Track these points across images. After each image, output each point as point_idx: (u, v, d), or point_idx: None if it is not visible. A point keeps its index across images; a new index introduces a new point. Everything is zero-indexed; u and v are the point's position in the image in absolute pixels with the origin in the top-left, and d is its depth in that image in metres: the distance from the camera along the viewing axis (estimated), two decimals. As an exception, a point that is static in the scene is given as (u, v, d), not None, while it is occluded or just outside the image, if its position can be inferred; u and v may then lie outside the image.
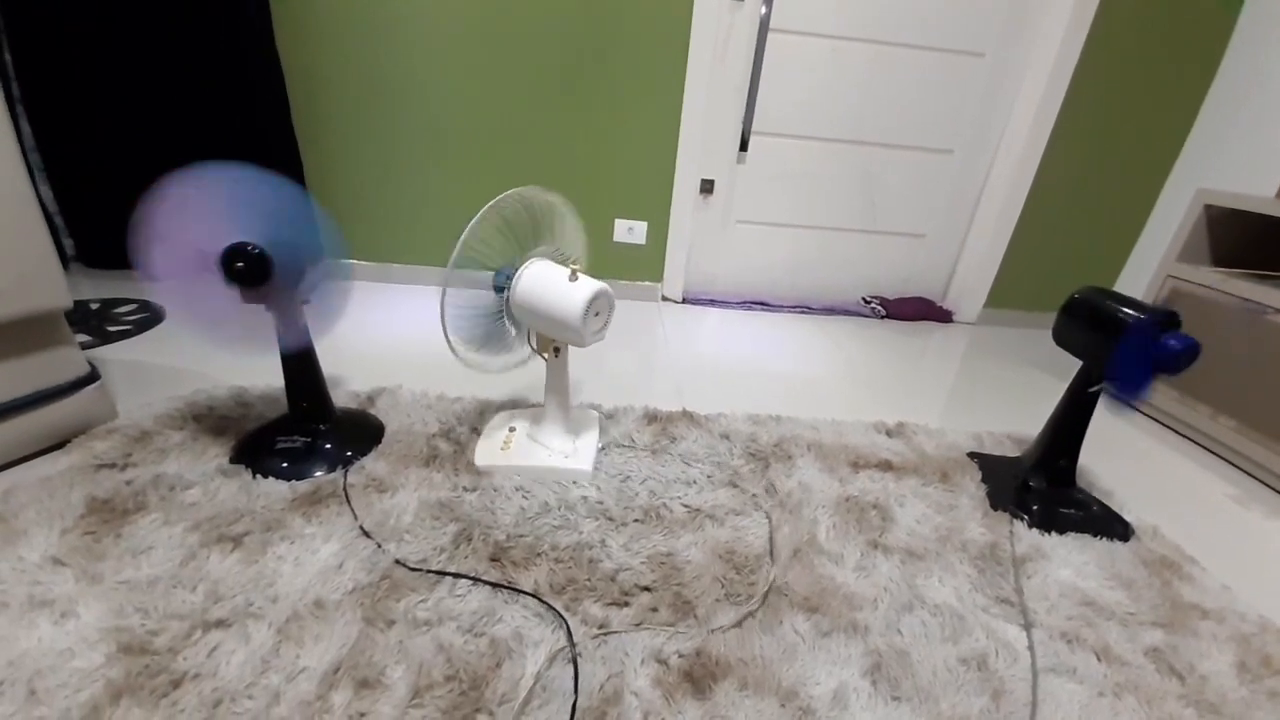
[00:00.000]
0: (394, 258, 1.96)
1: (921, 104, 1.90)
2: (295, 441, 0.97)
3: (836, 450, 1.17)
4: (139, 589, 0.72)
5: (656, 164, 1.88)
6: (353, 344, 1.48)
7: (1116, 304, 0.92)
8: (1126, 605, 0.85)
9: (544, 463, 1.01)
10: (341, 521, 0.86)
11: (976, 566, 0.90)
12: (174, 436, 1.00)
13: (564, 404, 1.05)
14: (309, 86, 1.71)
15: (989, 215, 2.01)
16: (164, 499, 0.87)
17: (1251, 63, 1.73)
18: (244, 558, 0.77)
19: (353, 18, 1.65)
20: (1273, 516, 1.16)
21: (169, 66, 1.54)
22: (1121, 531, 1.00)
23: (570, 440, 1.06)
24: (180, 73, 1.55)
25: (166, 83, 1.56)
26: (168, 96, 1.57)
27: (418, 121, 1.78)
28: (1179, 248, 1.46)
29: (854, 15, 1.77)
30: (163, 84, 1.56)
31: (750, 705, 0.66)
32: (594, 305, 0.87)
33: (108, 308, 1.52)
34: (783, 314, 2.07)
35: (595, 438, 1.10)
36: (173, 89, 1.57)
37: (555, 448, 1.04)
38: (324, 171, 1.82)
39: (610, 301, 0.92)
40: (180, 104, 1.58)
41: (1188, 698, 0.72)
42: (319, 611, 0.71)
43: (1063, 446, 1.05)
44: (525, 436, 1.07)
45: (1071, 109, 1.84)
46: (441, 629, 0.71)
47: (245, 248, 0.78)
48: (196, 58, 1.54)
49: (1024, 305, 2.13)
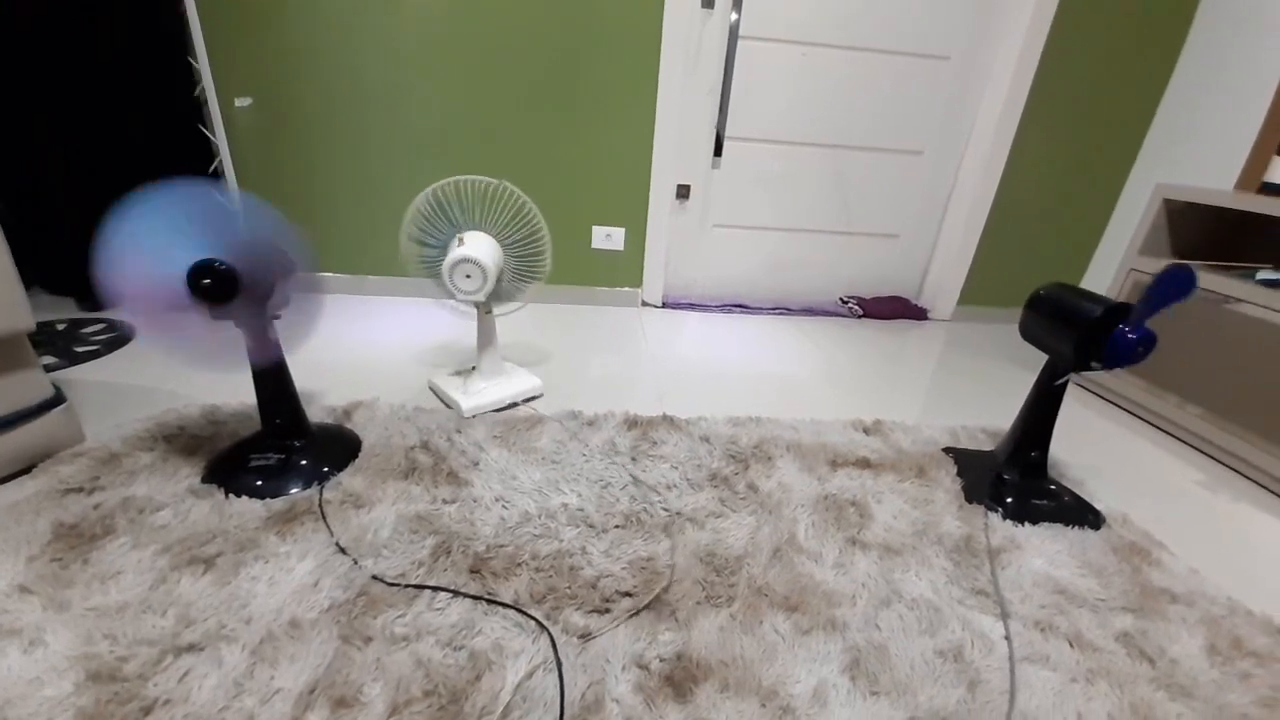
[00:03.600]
0: (370, 270, 1.95)
1: (891, 107, 1.93)
2: (269, 459, 0.96)
3: (815, 450, 1.18)
4: (108, 615, 0.71)
5: (632, 170, 1.90)
6: (328, 358, 1.46)
7: (1078, 298, 0.95)
8: (1098, 592, 0.87)
9: (504, 394, 1.29)
10: (317, 539, 0.85)
11: (952, 559, 0.91)
12: (143, 458, 0.98)
13: (493, 352, 1.31)
14: (280, 97, 1.70)
15: (959, 214, 2.05)
16: (133, 522, 0.85)
17: (1207, 60, 1.78)
18: (216, 579, 0.76)
19: (323, 25, 1.64)
20: (1239, 500, 1.19)
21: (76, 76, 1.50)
22: (1092, 520, 1.02)
23: (508, 377, 1.34)
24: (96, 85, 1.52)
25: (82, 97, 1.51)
26: (89, 113, 1.53)
27: (393, 132, 1.78)
28: (1140, 241, 1.50)
29: (822, 21, 1.80)
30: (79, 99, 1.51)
31: (731, 707, 0.66)
32: (463, 267, 1.09)
33: (74, 328, 1.49)
34: (762, 316, 2.09)
35: (527, 372, 1.37)
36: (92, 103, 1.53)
37: (503, 386, 1.30)
38: (300, 183, 1.81)
39: (484, 272, 1.10)
40: (101, 121, 1.54)
41: (1158, 681, 0.74)
42: (294, 631, 0.70)
43: (1033, 439, 1.07)
44: (476, 385, 1.29)
45: (1035, 109, 1.89)
46: (420, 644, 0.70)
47: (211, 264, 0.77)
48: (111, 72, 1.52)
49: (996, 301, 2.17)
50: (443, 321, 1.74)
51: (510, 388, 1.30)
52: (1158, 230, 1.49)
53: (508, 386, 1.30)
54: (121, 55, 1.52)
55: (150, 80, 1.57)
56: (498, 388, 1.29)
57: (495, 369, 1.32)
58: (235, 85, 1.68)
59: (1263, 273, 1.35)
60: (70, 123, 1.52)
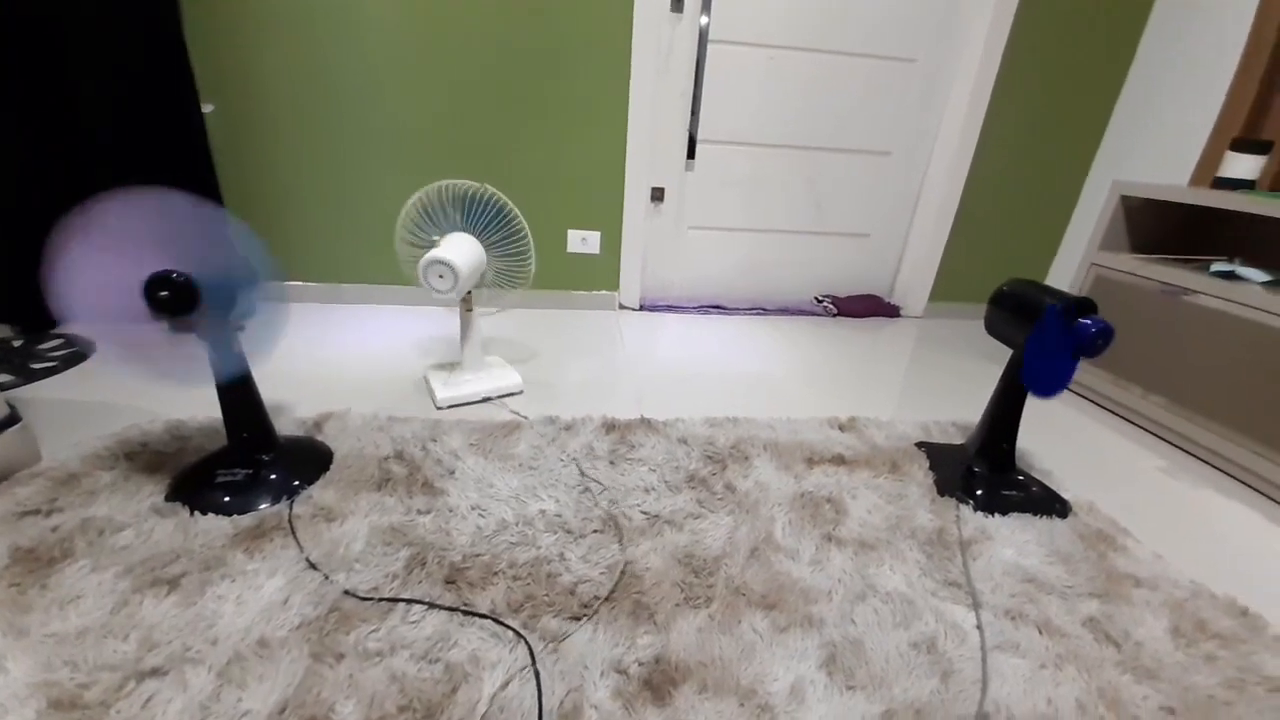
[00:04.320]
0: (344, 277, 1.92)
1: (859, 108, 1.96)
2: (236, 474, 0.94)
3: (792, 448, 1.19)
4: (68, 641, 0.68)
5: (606, 173, 1.90)
6: (299, 368, 1.43)
7: (1039, 293, 0.97)
8: (1065, 579, 0.89)
9: (482, 388, 1.34)
10: (287, 555, 0.83)
11: (925, 552, 0.93)
12: (104, 477, 0.95)
13: (474, 348, 1.37)
14: (245, 103, 1.67)
15: (928, 213, 2.09)
16: (93, 544, 0.82)
17: (1161, 61, 1.85)
18: (180, 600, 0.74)
19: (291, 28, 1.62)
20: (1201, 486, 1.23)
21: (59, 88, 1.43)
22: (1060, 509, 1.05)
23: (490, 371, 1.40)
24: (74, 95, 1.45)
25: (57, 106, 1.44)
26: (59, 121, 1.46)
27: (365, 138, 1.76)
28: (1100, 237, 1.55)
29: (788, 25, 1.83)
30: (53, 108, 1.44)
31: (710, 708, 0.66)
32: (434, 268, 1.14)
33: (31, 344, 1.44)
34: (739, 316, 2.10)
35: (510, 369, 1.42)
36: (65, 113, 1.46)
37: (484, 380, 1.36)
38: (268, 190, 1.78)
39: (455, 273, 1.13)
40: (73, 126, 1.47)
41: (1124, 664, 0.76)
42: (263, 651, 0.68)
43: (1002, 431, 1.09)
44: (459, 378, 1.36)
45: (998, 110, 1.93)
46: (394, 658, 0.69)
47: (169, 275, 0.76)
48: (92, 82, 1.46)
49: (966, 297, 2.22)
50: (421, 328, 1.72)
51: (489, 383, 1.36)
52: (1116, 226, 1.54)
53: (488, 381, 1.36)
54: (91, 61, 1.46)
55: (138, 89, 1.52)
56: (477, 382, 1.35)
57: (477, 364, 1.39)
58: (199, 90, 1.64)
59: (1217, 265, 1.40)
60: (34, 132, 1.45)
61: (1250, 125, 1.53)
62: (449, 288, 1.15)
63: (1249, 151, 1.37)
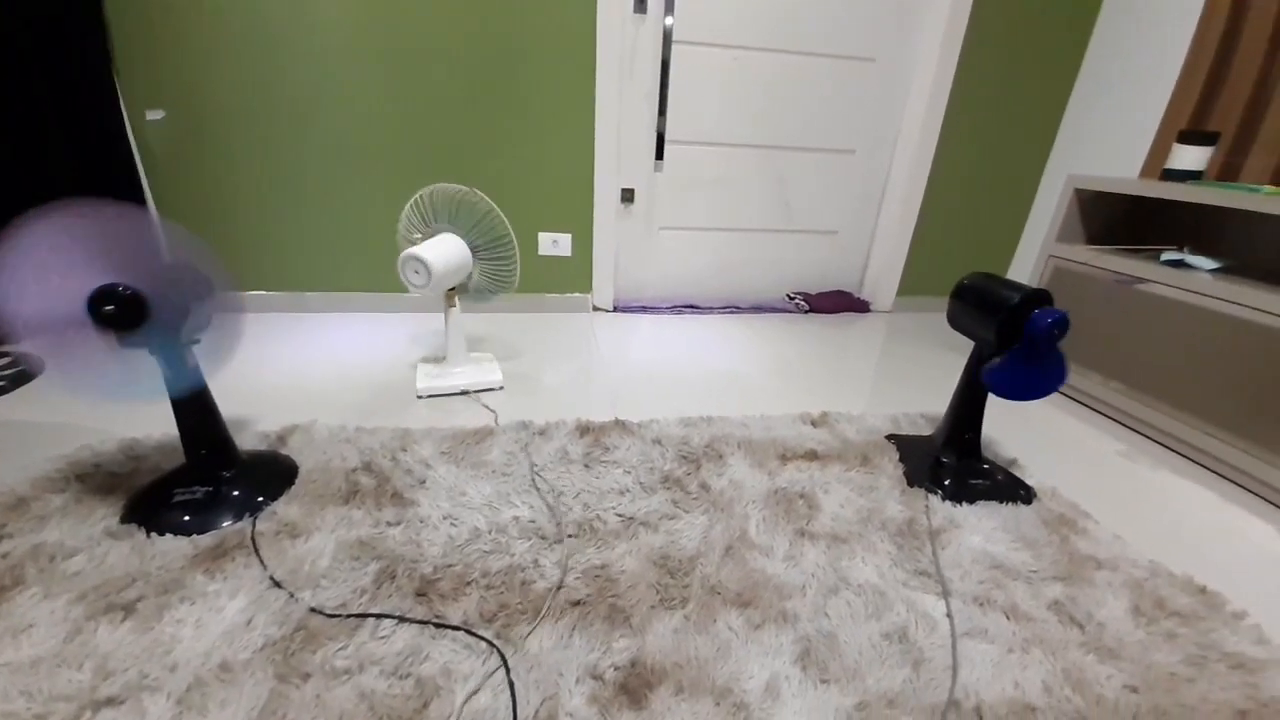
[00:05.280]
0: (310, 286, 1.87)
1: (822, 107, 1.99)
2: (196, 492, 0.91)
3: (765, 445, 1.20)
4: (20, 671, 0.65)
5: (575, 175, 1.89)
6: (262, 381, 1.40)
7: (999, 286, 0.99)
8: (1030, 564, 0.91)
9: (461, 382, 1.39)
10: (250, 574, 0.81)
11: (896, 543, 0.94)
12: (54, 500, 0.91)
13: (458, 343, 1.43)
14: (196, 108, 1.62)
15: (893, 209, 2.13)
16: (43, 571, 0.79)
17: (1111, 57, 1.91)
18: (137, 626, 0.71)
19: (245, 33, 1.57)
20: (1158, 468, 1.27)
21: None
22: (1024, 495, 1.08)
23: (476, 366, 1.46)
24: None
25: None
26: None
27: (326, 144, 1.72)
28: (1057, 230, 1.59)
29: (752, 26, 1.84)
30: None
31: (686, 709, 0.66)
32: (410, 264, 1.20)
33: (-25, 365, 1.37)
34: (712, 316, 2.11)
35: (495, 365, 1.48)
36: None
37: (467, 374, 1.42)
38: (224, 198, 1.73)
39: (428, 269, 1.19)
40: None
41: (1088, 645, 0.78)
42: (225, 675, 0.66)
43: (967, 422, 1.12)
44: (445, 370, 1.43)
45: (957, 107, 1.98)
46: (363, 676, 0.67)
47: (114, 289, 0.73)
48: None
49: (933, 291, 2.26)
50: (394, 333, 1.69)
51: (469, 376, 1.41)
52: (1071, 218, 1.58)
53: (468, 375, 1.42)
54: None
55: (66, 94, 1.45)
56: (460, 376, 1.41)
57: (461, 359, 1.45)
58: (145, 97, 1.59)
59: (1167, 254, 1.45)
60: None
61: (1197, 118, 1.59)
62: (423, 283, 1.21)
63: (1196, 143, 1.42)
